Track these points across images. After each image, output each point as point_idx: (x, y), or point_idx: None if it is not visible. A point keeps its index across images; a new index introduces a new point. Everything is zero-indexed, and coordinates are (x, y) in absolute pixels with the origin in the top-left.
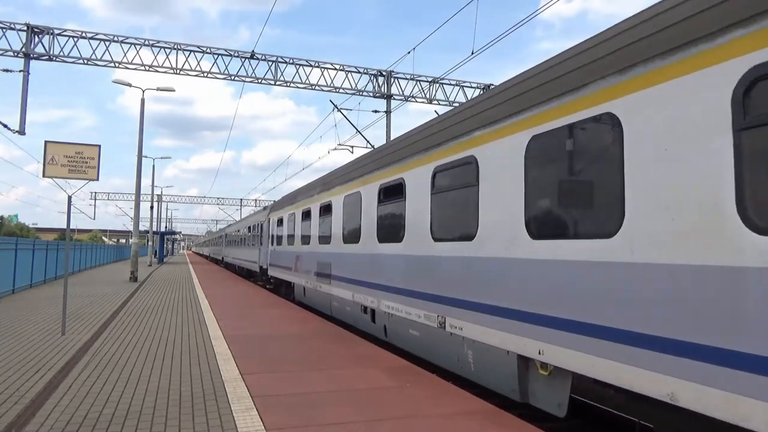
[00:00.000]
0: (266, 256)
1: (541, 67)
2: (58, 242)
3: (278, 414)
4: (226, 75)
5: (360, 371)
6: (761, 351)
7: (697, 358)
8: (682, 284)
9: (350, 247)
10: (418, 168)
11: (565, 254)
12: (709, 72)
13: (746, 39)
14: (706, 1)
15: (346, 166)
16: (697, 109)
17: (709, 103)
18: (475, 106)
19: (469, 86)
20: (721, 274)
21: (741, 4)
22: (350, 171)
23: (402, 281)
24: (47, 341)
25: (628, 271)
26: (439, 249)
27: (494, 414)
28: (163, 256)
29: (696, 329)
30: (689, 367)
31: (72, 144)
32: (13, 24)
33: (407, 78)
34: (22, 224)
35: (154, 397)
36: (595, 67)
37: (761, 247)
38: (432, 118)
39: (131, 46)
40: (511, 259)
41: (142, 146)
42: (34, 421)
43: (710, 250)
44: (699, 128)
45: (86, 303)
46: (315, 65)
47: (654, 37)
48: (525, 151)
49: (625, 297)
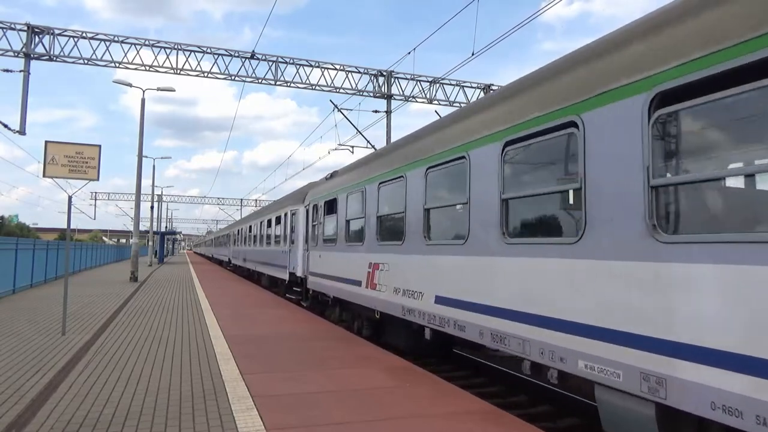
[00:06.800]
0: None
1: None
2: (59, 242)
3: (278, 414)
4: (227, 75)
5: (360, 371)
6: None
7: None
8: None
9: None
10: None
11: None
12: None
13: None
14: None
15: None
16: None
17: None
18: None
19: (470, 86)
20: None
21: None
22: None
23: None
24: (48, 341)
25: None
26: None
27: (494, 414)
28: (163, 256)
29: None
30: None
31: (72, 144)
32: (13, 24)
33: (408, 78)
34: (23, 224)
35: (155, 397)
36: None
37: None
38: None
39: (132, 46)
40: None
41: (142, 146)
42: (34, 421)
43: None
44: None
45: (87, 303)
46: (315, 65)
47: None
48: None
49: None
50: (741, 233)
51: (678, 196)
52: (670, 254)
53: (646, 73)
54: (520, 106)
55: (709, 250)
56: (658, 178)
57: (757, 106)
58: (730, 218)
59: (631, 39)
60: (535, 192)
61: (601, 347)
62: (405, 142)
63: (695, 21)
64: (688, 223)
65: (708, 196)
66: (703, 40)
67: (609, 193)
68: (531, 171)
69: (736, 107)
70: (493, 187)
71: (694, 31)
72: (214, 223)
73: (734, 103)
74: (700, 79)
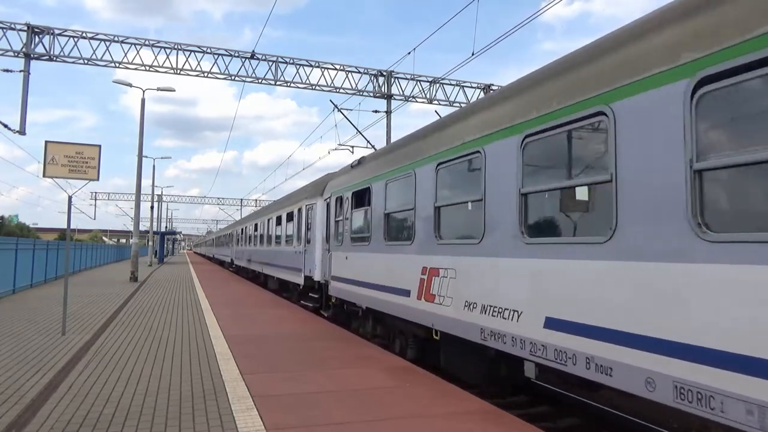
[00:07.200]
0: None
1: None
2: (59, 242)
3: (278, 414)
4: (227, 75)
5: (360, 371)
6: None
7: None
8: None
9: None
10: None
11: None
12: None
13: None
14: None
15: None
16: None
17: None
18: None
19: (470, 86)
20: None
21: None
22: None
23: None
24: (48, 341)
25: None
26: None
27: (494, 414)
28: (163, 256)
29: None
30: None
31: (72, 144)
32: (13, 24)
33: (407, 78)
34: (23, 224)
35: (155, 397)
36: None
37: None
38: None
39: (132, 46)
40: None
41: (142, 146)
42: (34, 421)
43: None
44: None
45: (87, 303)
46: (315, 65)
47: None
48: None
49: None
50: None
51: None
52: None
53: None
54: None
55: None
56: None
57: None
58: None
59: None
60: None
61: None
62: (480, 106)
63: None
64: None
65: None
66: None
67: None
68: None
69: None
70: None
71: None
72: (214, 223)
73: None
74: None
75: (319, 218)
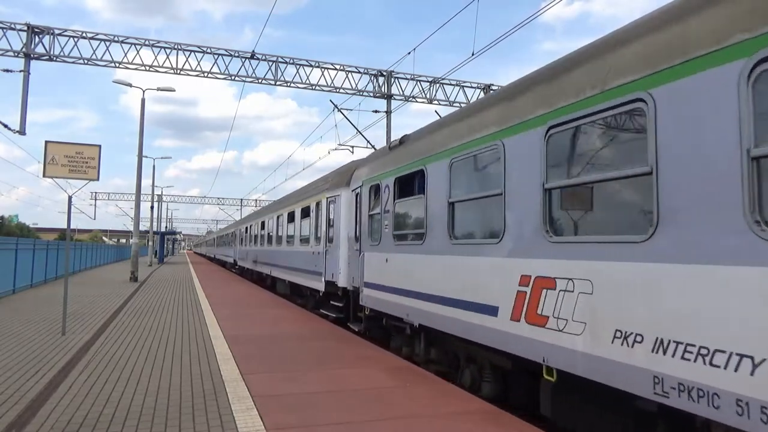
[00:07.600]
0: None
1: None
2: (59, 242)
3: (278, 414)
4: (227, 75)
5: (360, 371)
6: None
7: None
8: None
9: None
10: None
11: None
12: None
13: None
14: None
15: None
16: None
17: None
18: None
19: (470, 86)
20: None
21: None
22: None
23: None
24: (48, 341)
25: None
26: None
27: (494, 414)
28: (163, 256)
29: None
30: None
31: (72, 144)
32: (13, 24)
33: (407, 78)
34: (23, 224)
35: (155, 397)
36: None
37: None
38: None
39: (132, 46)
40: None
41: (142, 146)
42: (34, 421)
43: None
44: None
45: (87, 303)
46: (315, 65)
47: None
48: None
49: None
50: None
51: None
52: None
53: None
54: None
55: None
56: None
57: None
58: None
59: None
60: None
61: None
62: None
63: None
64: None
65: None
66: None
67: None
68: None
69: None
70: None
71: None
72: (214, 223)
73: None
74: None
75: (345, 212)
